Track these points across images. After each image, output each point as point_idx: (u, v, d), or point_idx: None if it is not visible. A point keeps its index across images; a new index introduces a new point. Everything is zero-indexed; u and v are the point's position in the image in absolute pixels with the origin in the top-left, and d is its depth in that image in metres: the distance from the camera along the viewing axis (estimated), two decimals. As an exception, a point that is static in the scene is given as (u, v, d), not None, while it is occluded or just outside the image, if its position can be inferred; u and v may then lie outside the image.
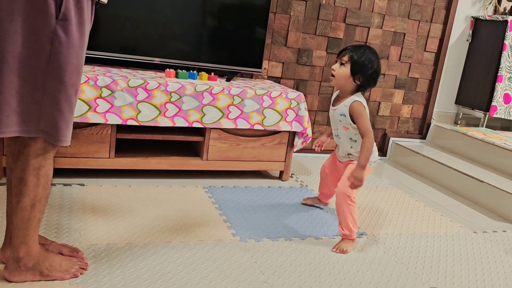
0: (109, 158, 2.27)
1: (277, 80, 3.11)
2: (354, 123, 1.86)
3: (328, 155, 2.25)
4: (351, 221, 1.87)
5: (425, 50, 3.48)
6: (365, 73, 1.81)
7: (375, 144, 1.92)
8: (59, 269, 1.42)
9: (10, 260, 1.37)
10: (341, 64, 1.82)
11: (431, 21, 3.43)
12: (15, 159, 1.29)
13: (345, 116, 1.87)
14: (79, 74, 1.28)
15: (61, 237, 1.69)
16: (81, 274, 1.47)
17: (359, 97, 1.85)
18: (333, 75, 1.86)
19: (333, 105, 1.94)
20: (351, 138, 1.91)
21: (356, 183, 1.79)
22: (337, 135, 1.98)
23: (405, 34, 3.37)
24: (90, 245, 1.66)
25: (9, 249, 1.42)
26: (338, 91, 1.95)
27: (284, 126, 2.53)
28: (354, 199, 1.86)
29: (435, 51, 3.52)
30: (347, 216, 1.86)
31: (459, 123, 3.74)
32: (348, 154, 1.98)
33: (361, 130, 1.83)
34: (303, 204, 2.33)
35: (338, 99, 1.92)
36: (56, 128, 1.25)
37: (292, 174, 2.82)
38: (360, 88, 1.87)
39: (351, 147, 1.93)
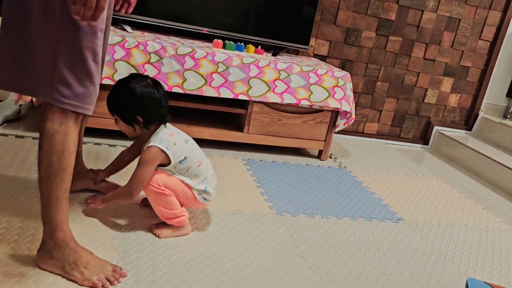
0: (153, 123, 2.30)
1: (322, 58, 3.06)
2: None
3: (361, 138, 2.17)
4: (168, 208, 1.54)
5: (480, 38, 3.33)
6: (133, 111, 1.48)
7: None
8: (81, 271, 1.23)
9: (41, 242, 1.27)
10: (115, 120, 1.54)
11: (489, 8, 3.27)
12: None
13: None
14: (96, 38, 1.18)
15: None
16: (103, 287, 1.23)
17: (156, 142, 1.49)
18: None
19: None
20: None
21: (94, 205, 1.52)
22: None
23: (460, 20, 3.23)
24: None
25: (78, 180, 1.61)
26: None
27: (332, 103, 2.49)
28: (158, 185, 1.50)
29: (491, 40, 3.36)
30: (159, 207, 1.54)
31: (508, 117, 3.59)
32: None
33: (133, 176, 1.48)
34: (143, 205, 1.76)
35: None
36: (64, 92, 1.17)
37: (331, 154, 2.79)
38: (150, 126, 1.51)
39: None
